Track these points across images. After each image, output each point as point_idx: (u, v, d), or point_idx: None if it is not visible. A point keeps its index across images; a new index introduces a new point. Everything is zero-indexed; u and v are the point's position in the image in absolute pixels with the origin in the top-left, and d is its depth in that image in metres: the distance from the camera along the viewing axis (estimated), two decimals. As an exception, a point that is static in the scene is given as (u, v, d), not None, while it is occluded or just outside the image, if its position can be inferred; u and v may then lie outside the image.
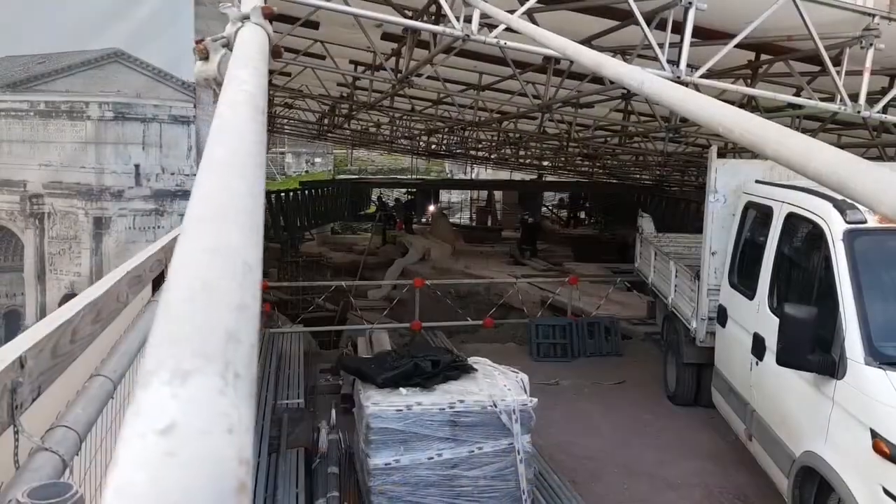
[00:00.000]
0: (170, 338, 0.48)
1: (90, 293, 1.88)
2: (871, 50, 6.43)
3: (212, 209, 0.65)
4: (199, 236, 0.60)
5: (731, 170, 7.20)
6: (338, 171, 42.38)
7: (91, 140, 4.47)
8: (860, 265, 4.81)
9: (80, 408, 1.39)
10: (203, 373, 0.45)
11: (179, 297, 0.52)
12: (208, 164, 0.76)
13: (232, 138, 0.83)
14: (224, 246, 0.59)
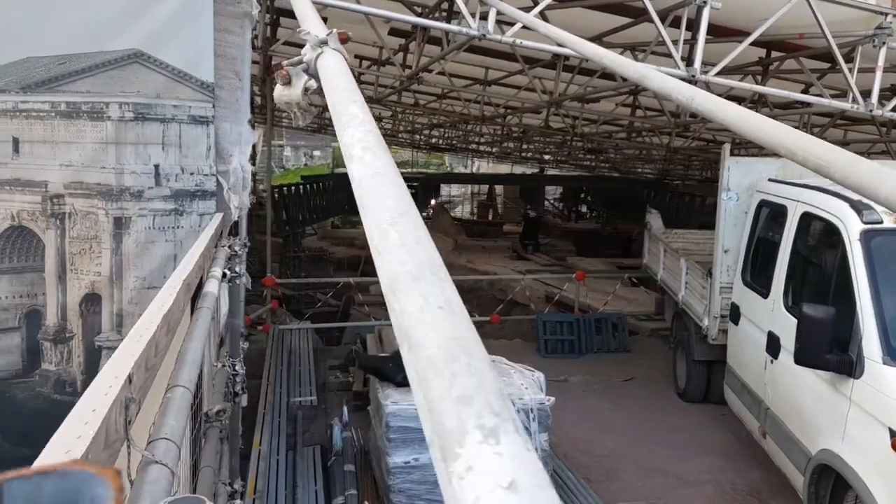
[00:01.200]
0: (457, 396, 0.55)
1: (161, 306, 1.90)
2: (884, 48, 6.46)
3: (419, 267, 0.69)
4: (425, 294, 0.64)
5: (744, 168, 7.22)
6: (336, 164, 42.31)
7: (111, 140, 4.44)
8: (877, 265, 4.84)
9: (172, 419, 1.41)
10: (506, 430, 0.52)
11: (440, 355, 0.56)
12: (387, 216, 0.79)
13: (392, 187, 0.86)
14: (448, 302, 0.62)
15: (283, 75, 1.63)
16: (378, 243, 0.79)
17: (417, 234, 0.77)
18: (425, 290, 0.67)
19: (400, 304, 0.68)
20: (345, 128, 1.09)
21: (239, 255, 4.14)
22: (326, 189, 25.14)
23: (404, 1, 7.48)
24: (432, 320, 0.63)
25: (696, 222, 16.86)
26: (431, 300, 0.66)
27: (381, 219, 0.82)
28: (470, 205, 35.48)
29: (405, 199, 0.87)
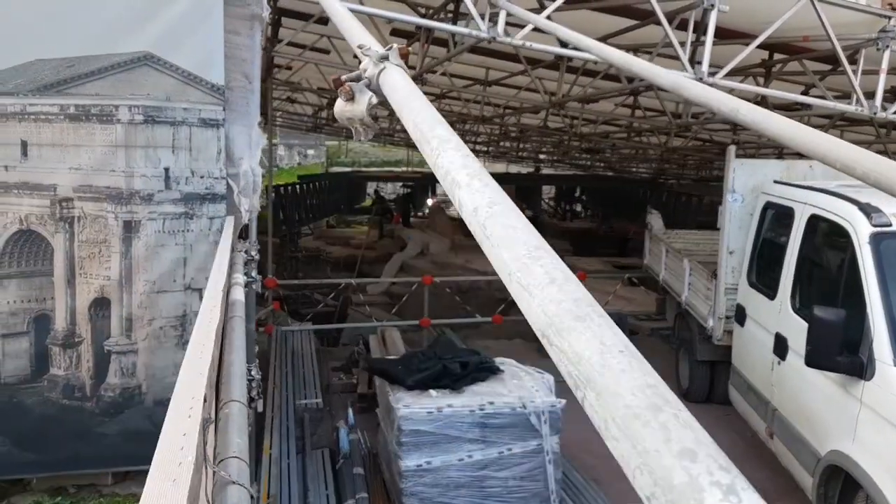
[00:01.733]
0: (678, 450, 0.55)
1: (209, 320, 1.90)
2: (888, 51, 6.50)
3: (578, 307, 0.69)
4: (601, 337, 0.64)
5: (749, 169, 7.26)
6: (331, 162, 42.34)
7: (121, 143, 4.38)
8: (887, 268, 4.88)
9: (237, 436, 1.41)
10: (742, 487, 0.54)
11: (642, 404, 0.56)
12: (525, 250, 0.78)
13: (514, 216, 0.86)
14: (623, 345, 0.62)
15: (346, 91, 1.63)
16: (522, 279, 0.79)
17: (562, 268, 0.77)
18: (598, 332, 0.67)
19: (570, 345, 0.68)
20: (438, 152, 1.09)
21: (255, 259, 4.14)
22: (322, 188, 25.10)
23: (408, 2, 7.48)
24: (618, 366, 0.63)
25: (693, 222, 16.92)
26: (609, 343, 0.65)
27: (519, 252, 0.81)
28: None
29: (532, 229, 0.87)
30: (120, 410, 5.48)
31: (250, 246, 4.27)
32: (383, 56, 1.64)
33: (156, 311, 5.42)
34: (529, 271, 0.80)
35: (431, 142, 1.15)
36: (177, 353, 5.50)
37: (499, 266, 0.87)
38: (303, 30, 8.53)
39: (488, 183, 0.99)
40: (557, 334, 0.71)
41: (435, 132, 1.17)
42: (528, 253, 0.84)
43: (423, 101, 1.39)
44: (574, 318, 0.71)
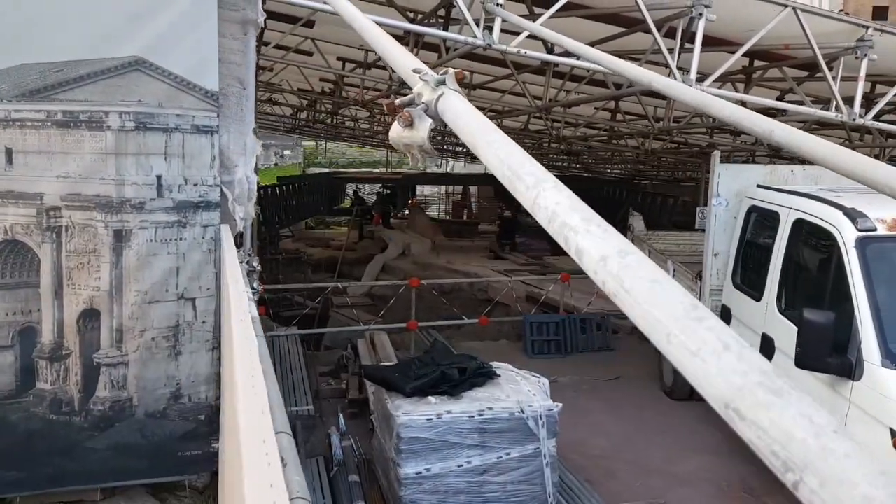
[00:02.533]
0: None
1: (250, 349, 1.92)
2: (866, 60, 6.67)
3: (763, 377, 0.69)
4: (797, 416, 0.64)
5: (733, 174, 7.39)
6: (308, 163, 42.08)
7: (111, 151, 4.28)
8: (873, 271, 5.01)
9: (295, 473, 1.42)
10: None
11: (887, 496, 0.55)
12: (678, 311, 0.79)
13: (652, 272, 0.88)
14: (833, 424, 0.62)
15: (405, 117, 1.63)
16: (689, 343, 0.78)
17: (730, 332, 0.77)
18: (802, 409, 0.63)
19: (772, 423, 0.64)
20: (537, 192, 1.08)
21: (256, 270, 4.14)
22: (301, 189, 24.96)
23: (398, 6, 7.49)
24: (841, 449, 0.59)
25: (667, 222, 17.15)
26: (819, 422, 0.62)
27: (675, 312, 0.80)
28: (444, 204, 35.52)
29: (680, 287, 0.86)
30: (110, 424, 5.37)
31: (251, 258, 4.25)
32: (440, 81, 1.64)
33: (147, 321, 5.33)
34: (695, 334, 0.77)
35: (525, 179, 1.14)
36: (169, 365, 5.42)
37: (649, 325, 0.84)
38: (291, 32, 8.51)
39: (607, 228, 0.99)
40: (751, 409, 0.69)
41: (526, 169, 1.17)
42: (687, 313, 0.80)
43: (502, 134, 1.40)
44: (769, 392, 0.68)
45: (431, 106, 1.61)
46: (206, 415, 5.48)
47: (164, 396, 5.42)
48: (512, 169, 1.20)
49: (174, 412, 5.45)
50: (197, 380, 5.46)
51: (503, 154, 1.26)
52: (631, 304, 0.87)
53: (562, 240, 1.03)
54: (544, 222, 1.09)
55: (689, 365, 0.78)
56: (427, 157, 1.74)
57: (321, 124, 21.44)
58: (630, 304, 0.87)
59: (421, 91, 1.66)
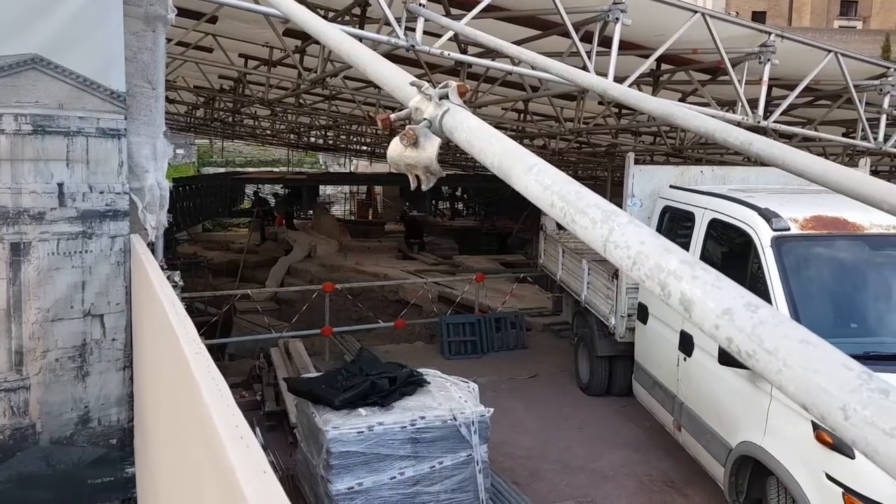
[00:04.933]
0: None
1: (217, 387, 1.73)
2: (769, 65, 6.98)
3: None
4: None
5: (647, 175, 7.57)
6: (202, 162, 40.53)
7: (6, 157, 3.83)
8: (788, 268, 5.23)
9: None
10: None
11: None
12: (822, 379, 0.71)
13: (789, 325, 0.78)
14: None
15: (409, 136, 1.48)
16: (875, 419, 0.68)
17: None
18: None
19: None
20: (611, 227, 0.96)
21: (179, 285, 3.86)
22: (198, 191, 23.99)
23: (308, 3, 7.24)
24: None
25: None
26: None
27: (847, 379, 0.70)
28: (349, 204, 35.05)
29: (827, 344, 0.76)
30: (11, 454, 4.93)
31: (173, 273, 3.96)
32: (443, 95, 1.51)
33: (50, 341, 4.91)
34: (885, 409, 0.68)
35: (589, 213, 1.01)
36: (76, 387, 5.04)
37: (811, 396, 0.74)
38: (194, 28, 8.09)
39: (718, 275, 0.88)
40: None
41: (588, 200, 1.05)
42: (859, 377, 0.72)
43: (532, 155, 1.28)
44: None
45: (435, 123, 1.48)
46: (118, 438, 5.13)
47: (70, 421, 5.02)
48: (566, 200, 1.06)
49: (82, 437, 5.06)
50: (107, 402, 5.09)
51: (548, 181, 1.12)
52: (775, 370, 0.77)
53: (655, 286, 0.92)
54: (625, 264, 0.97)
55: (881, 447, 0.67)
56: (432, 178, 1.59)
57: (219, 122, 20.68)
58: (775, 368, 0.77)
59: (419, 106, 1.52)
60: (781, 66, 7.15)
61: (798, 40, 7.36)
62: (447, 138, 1.48)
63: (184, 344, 2.01)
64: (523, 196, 1.22)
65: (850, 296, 5.45)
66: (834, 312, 5.39)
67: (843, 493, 4.36)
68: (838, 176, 1.66)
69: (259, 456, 1.25)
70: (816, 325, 5.03)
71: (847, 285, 5.51)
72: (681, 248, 0.96)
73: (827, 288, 5.49)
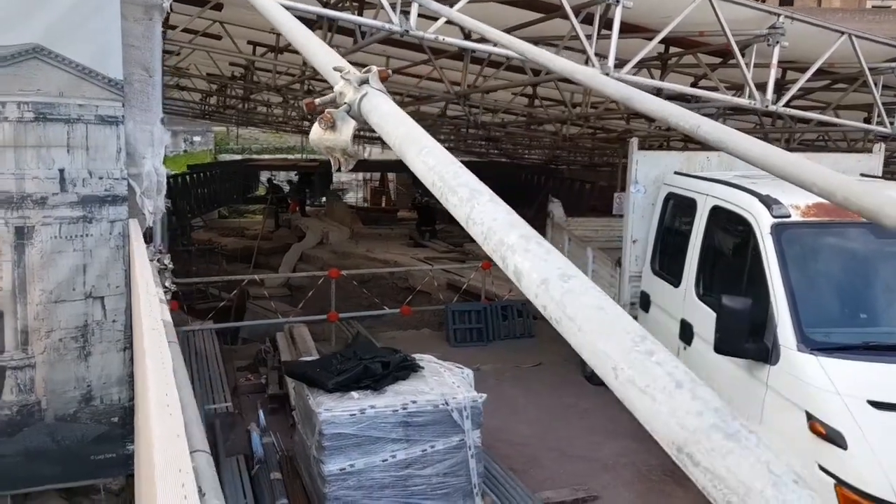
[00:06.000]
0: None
1: (162, 360, 1.74)
2: (778, 47, 6.86)
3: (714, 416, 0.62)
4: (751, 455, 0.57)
5: (651, 161, 7.50)
6: (219, 149, 40.71)
7: (9, 144, 3.91)
8: (788, 256, 5.16)
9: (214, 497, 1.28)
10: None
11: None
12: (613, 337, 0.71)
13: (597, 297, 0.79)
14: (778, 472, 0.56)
15: (327, 119, 1.50)
16: (638, 380, 0.70)
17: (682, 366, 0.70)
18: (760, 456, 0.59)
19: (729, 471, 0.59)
20: (472, 205, 1.00)
21: (169, 268, 3.89)
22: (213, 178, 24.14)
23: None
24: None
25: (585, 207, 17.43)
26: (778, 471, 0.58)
27: (623, 343, 0.73)
28: (362, 191, 35.12)
29: (624, 313, 0.79)
30: (18, 429, 5.07)
31: (163, 256, 4.00)
32: (363, 80, 1.53)
33: (54, 321, 5.03)
34: (647, 370, 0.71)
35: (458, 192, 1.05)
36: (78, 366, 5.17)
37: (594, 357, 0.78)
38: (199, 16, 8.12)
39: (549, 248, 0.91)
40: (707, 456, 0.64)
41: (460, 180, 1.07)
42: (636, 345, 0.74)
43: (430, 138, 1.30)
44: (726, 437, 0.64)
45: (354, 106, 1.49)
46: (119, 416, 5.26)
47: (74, 399, 5.17)
48: (444, 179, 1.11)
49: (85, 415, 5.21)
50: (108, 381, 5.21)
51: (434, 162, 1.16)
52: (573, 333, 0.80)
53: (499, 259, 0.95)
54: (479, 239, 1.00)
55: (637, 403, 0.71)
56: (350, 161, 1.61)
57: (232, 110, 20.77)
58: (573, 332, 0.80)
59: (343, 90, 1.54)
60: (794, 48, 7.02)
61: (808, 21, 7.21)
62: (364, 121, 1.48)
63: (144, 319, 2.04)
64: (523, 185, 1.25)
65: (853, 285, 5.38)
66: (835, 301, 5.32)
67: (834, 485, 4.33)
68: (776, 159, 1.63)
69: (177, 422, 1.26)
70: (816, 314, 5.00)
71: (849, 274, 5.44)
72: (526, 224, 0.97)
73: (828, 276, 5.42)
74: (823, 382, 4.55)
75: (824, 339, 4.81)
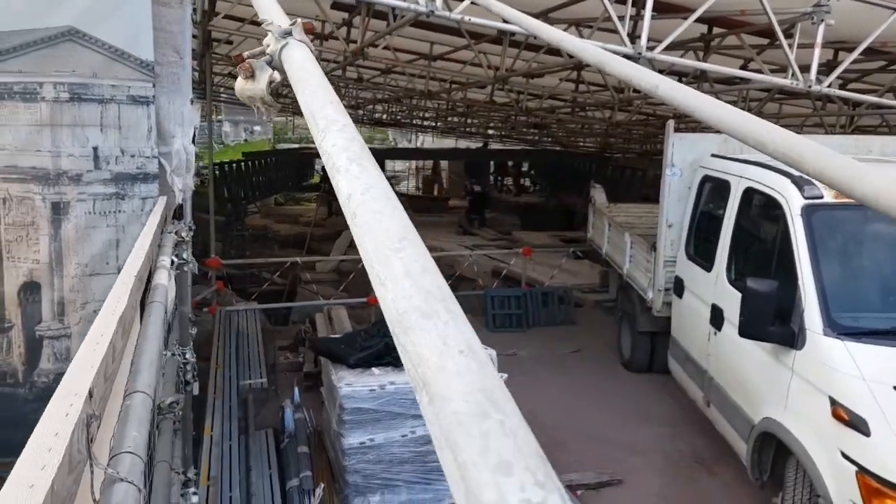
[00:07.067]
0: (495, 463, 0.48)
1: (115, 305, 1.83)
2: (823, 25, 6.61)
3: (428, 301, 0.64)
4: (443, 335, 0.59)
5: (688, 144, 7.35)
6: (278, 139, 41.47)
7: (46, 122, 4.17)
8: (818, 239, 5.00)
9: (134, 429, 1.35)
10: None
11: (468, 411, 0.51)
12: (388, 243, 0.74)
13: (386, 203, 0.81)
14: (468, 346, 0.58)
15: (245, 69, 1.56)
16: (380, 272, 0.73)
17: (423, 261, 0.72)
18: (442, 331, 0.61)
19: (413, 345, 0.61)
20: (324, 134, 1.03)
21: (186, 240, 4.02)
22: (269, 166, 24.61)
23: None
24: (454, 368, 0.57)
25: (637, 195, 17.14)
26: (451, 343, 0.60)
27: (382, 244, 0.76)
28: (415, 180, 35.31)
29: (404, 219, 0.81)
30: (54, 396, 5.33)
31: (180, 227, 4.14)
32: (286, 32, 1.57)
33: (88, 294, 5.25)
34: (388, 264, 0.74)
35: (318, 122, 1.09)
36: (111, 337, 5.37)
37: (364, 257, 0.81)
38: (239, 2, 8.30)
39: (368, 168, 0.93)
40: (405, 333, 0.66)
41: (324, 112, 1.11)
42: (392, 244, 0.77)
43: (321, 81, 1.33)
44: (421, 316, 0.66)
45: (275, 57, 1.53)
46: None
47: (106, 368, 5.38)
48: (311, 112, 1.15)
49: (117, 386, 5.42)
50: (138, 353, 5.40)
51: (310, 99, 1.20)
52: (357, 238, 0.82)
53: (332, 180, 0.98)
54: (325, 163, 1.03)
55: (381, 294, 0.74)
56: (271, 110, 1.65)
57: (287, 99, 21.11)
58: (357, 237, 0.83)
59: (269, 42, 1.58)
60: (842, 27, 6.75)
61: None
62: (284, 73, 1.52)
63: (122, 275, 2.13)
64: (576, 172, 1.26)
65: (884, 269, 5.18)
66: (865, 285, 5.14)
67: (856, 472, 4.19)
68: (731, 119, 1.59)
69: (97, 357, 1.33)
70: (845, 297, 4.84)
71: (882, 258, 5.23)
72: (362, 151, 0.99)
73: (859, 260, 5.24)
74: (849, 367, 4.41)
75: (852, 323, 4.66)
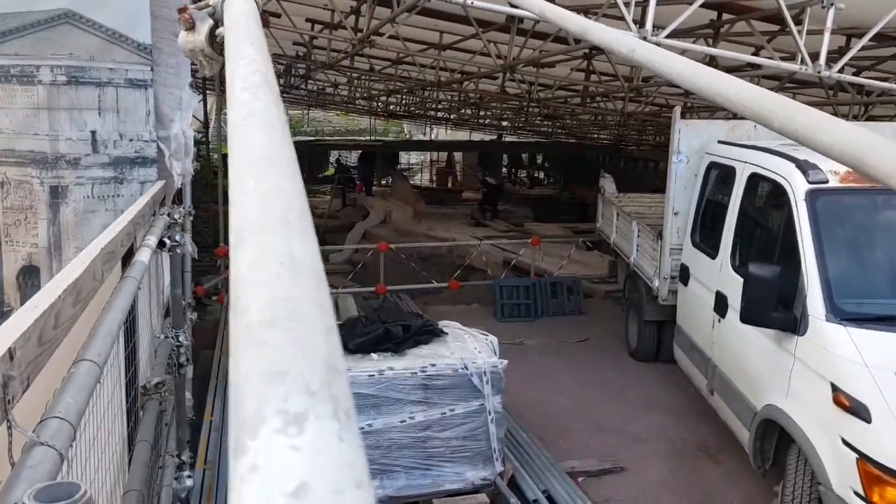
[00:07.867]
0: (264, 372, 0.43)
1: (69, 274, 1.81)
2: (832, 10, 6.49)
3: (266, 215, 0.60)
4: (263, 247, 0.55)
5: (695, 130, 7.26)
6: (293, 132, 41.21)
7: (43, 106, 4.19)
8: (822, 224, 4.92)
9: (70, 396, 1.33)
10: (317, 415, 0.40)
11: (259, 319, 0.47)
12: (246, 161, 0.70)
13: (264, 129, 0.77)
14: (292, 257, 0.54)
15: (185, 20, 1.53)
16: (234, 191, 0.69)
17: (279, 181, 0.67)
18: (265, 242, 0.56)
19: (236, 259, 0.56)
20: (233, 69, 1.00)
21: (179, 222, 4.01)
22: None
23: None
24: (265, 278, 0.51)
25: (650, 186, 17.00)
26: (270, 253, 0.55)
27: (242, 165, 0.72)
28: (429, 172, 35.29)
29: (276, 142, 0.76)
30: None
31: (174, 209, 4.13)
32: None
33: (88, 278, 5.28)
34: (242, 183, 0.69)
35: (231, 59, 1.06)
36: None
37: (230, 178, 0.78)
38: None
39: (259, 97, 0.87)
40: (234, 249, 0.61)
41: (240, 50, 1.08)
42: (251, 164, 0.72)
43: (250, 23, 1.29)
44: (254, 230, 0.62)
45: (218, 8, 1.50)
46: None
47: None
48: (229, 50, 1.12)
49: (116, 369, 5.44)
50: (138, 336, 5.42)
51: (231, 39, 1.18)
52: (230, 160, 0.78)
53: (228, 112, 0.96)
54: (227, 98, 1.00)
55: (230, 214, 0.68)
56: (213, 64, 1.62)
57: (303, 91, 21.16)
58: (229, 160, 0.79)
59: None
60: (853, 12, 6.63)
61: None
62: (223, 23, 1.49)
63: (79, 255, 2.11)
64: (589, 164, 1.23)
65: (889, 254, 5.08)
66: (868, 271, 5.05)
67: (857, 460, 4.12)
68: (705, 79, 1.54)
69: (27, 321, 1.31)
70: (848, 283, 4.76)
71: (886, 243, 5.13)
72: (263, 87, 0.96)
73: (863, 245, 5.14)
74: (851, 353, 4.34)
75: (855, 309, 4.58)
